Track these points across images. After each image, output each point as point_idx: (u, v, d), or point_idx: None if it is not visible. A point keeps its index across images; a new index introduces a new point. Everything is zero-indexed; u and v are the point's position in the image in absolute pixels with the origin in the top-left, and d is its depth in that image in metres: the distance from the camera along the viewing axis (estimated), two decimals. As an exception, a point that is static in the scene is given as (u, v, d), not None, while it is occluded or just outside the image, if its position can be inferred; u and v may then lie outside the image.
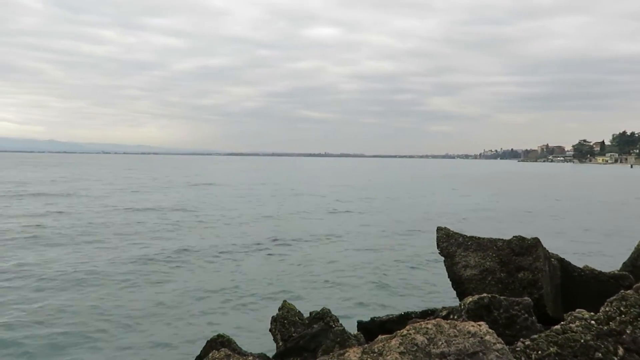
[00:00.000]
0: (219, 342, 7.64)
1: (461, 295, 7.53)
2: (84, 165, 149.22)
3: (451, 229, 7.82)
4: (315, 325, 7.05)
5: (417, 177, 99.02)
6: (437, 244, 7.82)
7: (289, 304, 7.63)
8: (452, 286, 7.75)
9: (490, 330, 4.06)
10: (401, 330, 4.10)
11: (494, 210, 37.46)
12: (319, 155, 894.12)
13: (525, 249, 7.41)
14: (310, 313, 7.37)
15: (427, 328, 4.06)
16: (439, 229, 7.91)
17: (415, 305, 13.13)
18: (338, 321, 7.23)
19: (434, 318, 7.26)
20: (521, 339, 4.60)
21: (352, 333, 7.19)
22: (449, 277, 7.74)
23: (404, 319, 9.47)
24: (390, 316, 9.53)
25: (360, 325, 9.13)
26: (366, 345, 4.13)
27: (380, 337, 4.11)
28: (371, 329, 9.02)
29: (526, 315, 5.93)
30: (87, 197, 44.58)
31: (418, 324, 4.24)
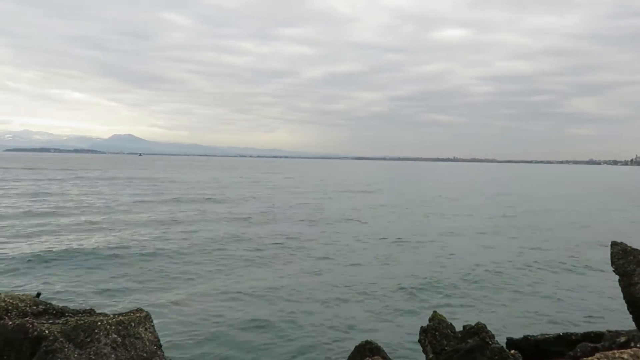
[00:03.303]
0: (367, 349, 7.62)
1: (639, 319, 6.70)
2: (263, 168, 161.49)
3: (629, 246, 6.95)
4: (469, 340, 6.72)
5: (574, 187, 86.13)
6: (612, 260, 7.01)
7: (440, 315, 7.36)
8: (628, 309, 6.92)
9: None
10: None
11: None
12: (448, 160, 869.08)
13: None
14: (464, 327, 7.03)
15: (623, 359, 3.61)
16: (613, 244, 7.09)
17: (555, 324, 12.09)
18: (494, 337, 6.81)
19: (608, 344, 6.55)
20: None
21: (510, 352, 6.74)
22: (624, 298, 6.90)
23: (562, 340, 8.73)
24: (547, 336, 8.82)
25: (511, 342, 8.57)
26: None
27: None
28: (524, 348, 8.42)
29: None
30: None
31: (611, 352, 3.78)
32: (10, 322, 4.71)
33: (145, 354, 4.75)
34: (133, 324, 4.91)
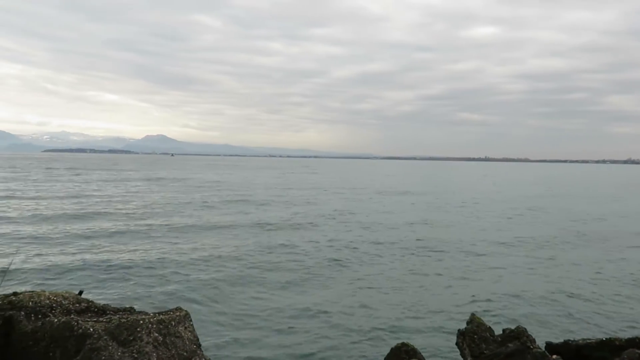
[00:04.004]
0: (403, 351, 7.53)
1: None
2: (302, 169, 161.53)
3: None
4: (510, 344, 6.58)
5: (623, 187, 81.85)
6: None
7: (478, 318, 7.23)
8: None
9: None
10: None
11: None
12: (479, 159, 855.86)
13: None
14: (504, 330, 6.89)
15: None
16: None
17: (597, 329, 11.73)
18: (535, 342, 6.65)
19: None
20: None
21: (552, 357, 6.56)
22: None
23: (605, 346, 8.46)
24: (588, 341, 8.56)
25: (550, 347, 8.35)
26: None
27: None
28: (563, 353, 8.20)
29: None
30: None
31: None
32: (55, 320, 4.81)
33: (185, 353, 4.79)
34: (173, 323, 4.95)
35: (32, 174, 78.42)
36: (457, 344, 7.33)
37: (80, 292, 6.25)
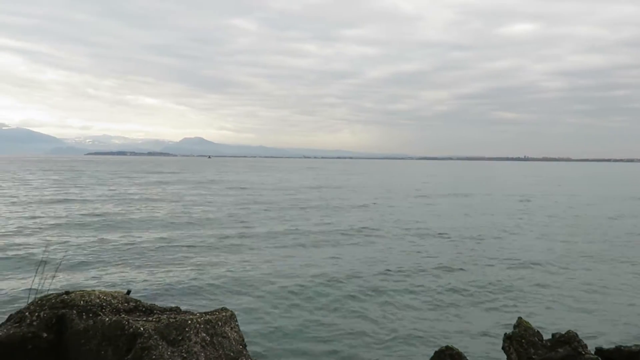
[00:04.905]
0: (448, 355, 7.40)
1: None
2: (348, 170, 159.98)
3: None
4: (560, 350, 6.38)
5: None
6: None
7: (525, 322, 7.05)
8: None
9: None
10: None
11: None
12: (518, 159, 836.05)
13: None
14: (553, 335, 6.69)
15: None
16: None
17: None
18: (587, 347, 6.43)
19: None
20: None
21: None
22: None
23: (660, 353, 8.12)
24: (642, 347, 8.24)
25: (602, 352, 8.06)
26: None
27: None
28: (615, 359, 7.91)
29: None
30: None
31: None
32: (107, 319, 4.92)
33: (232, 353, 4.83)
34: (220, 323, 5.00)
35: (105, 178, 78.44)
36: (503, 348, 7.15)
37: (129, 292, 6.39)
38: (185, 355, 4.43)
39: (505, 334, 7.18)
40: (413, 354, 10.25)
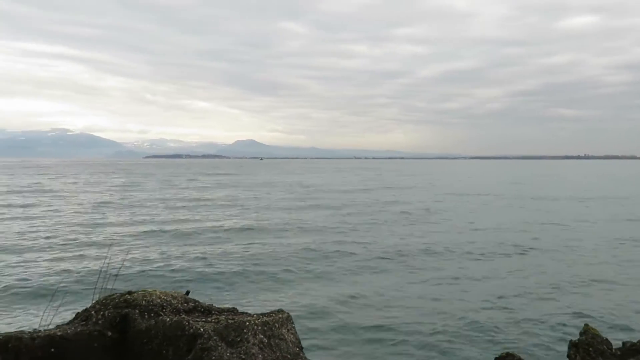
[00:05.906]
0: (509, 361, 7.16)
1: None
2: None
3: None
4: (632, 359, 6.01)
5: None
6: None
7: (593, 328, 6.70)
8: None
9: None
10: None
11: None
12: (578, 157, 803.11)
13: None
14: (624, 343, 6.33)
15: None
16: None
17: None
18: (662, 358, 6.03)
19: None
20: None
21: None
22: None
23: None
24: None
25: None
26: None
27: None
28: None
29: None
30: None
31: None
32: (167, 319, 5.03)
33: (289, 356, 4.83)
34: (277, 325, 5.01)
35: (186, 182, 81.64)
36: (568, 356, 6.83)
37: (188, 292, 6.52)
38: (243, 357, 4.46)
39: (570, 341, 6.85)
40: (472, 356, 9.98)
